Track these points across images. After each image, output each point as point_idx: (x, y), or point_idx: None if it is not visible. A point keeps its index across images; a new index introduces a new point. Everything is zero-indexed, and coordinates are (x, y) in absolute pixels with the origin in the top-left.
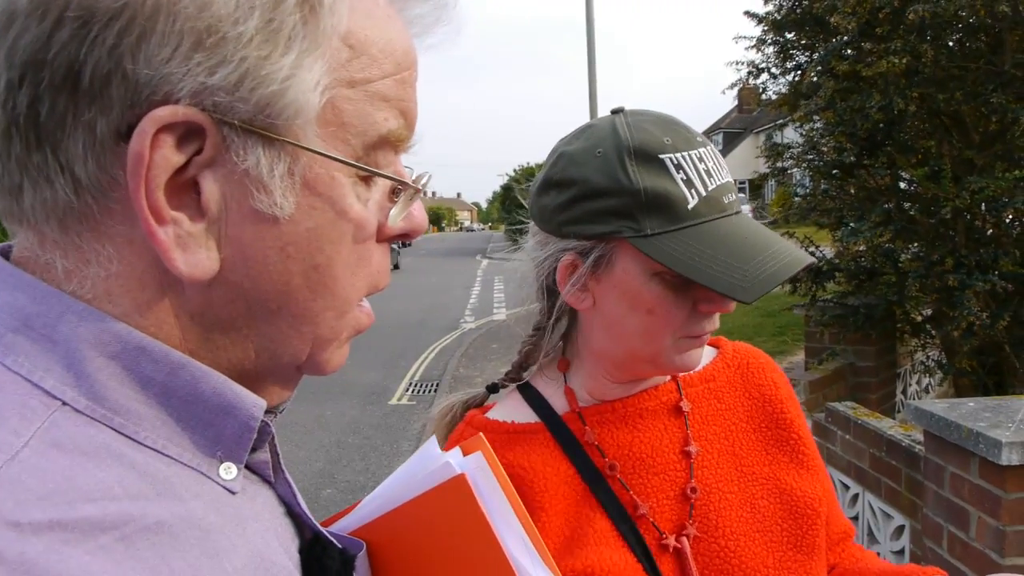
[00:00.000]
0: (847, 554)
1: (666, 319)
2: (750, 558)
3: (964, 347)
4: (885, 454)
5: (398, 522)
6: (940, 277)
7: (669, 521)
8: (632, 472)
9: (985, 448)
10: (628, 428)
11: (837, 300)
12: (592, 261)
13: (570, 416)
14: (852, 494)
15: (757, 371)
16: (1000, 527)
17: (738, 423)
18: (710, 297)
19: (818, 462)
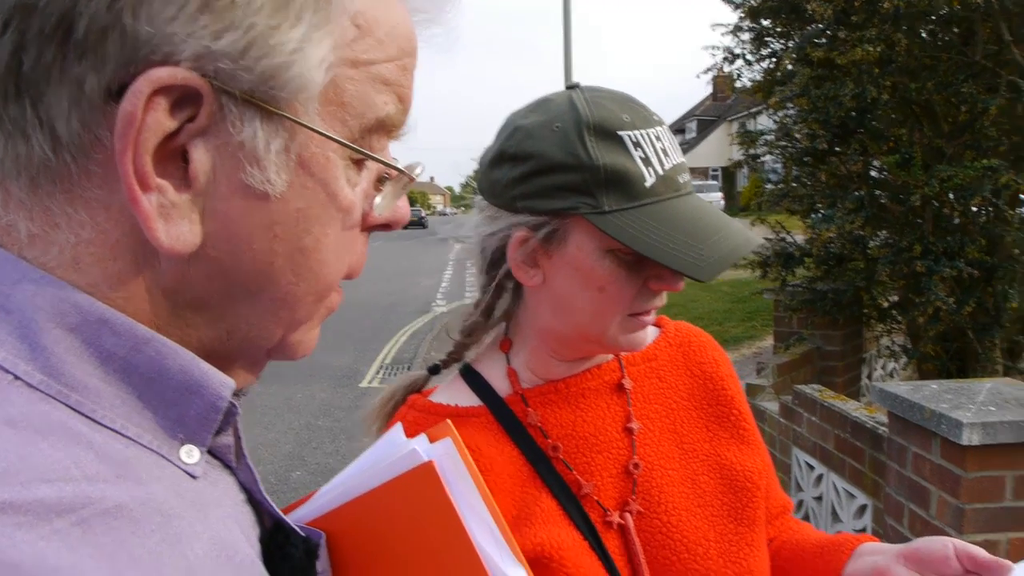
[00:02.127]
0: (785, 527)
1: (616, 297)
2: (692, 532)
3: (929, 332)
4: (850, 435)
5: (360, 512)
6: (908, 263)
7: (613, 498)
8: (576, 451)
9: (947, 429)
10: (571, 408)
11: (806, 285)
12: (544, 236)
13: (513, 398)
14: (817, 475)
15: (698, 349)
16: (960, 505)
17: (679, 400)
18: (661, 275)
19: (757, 438)
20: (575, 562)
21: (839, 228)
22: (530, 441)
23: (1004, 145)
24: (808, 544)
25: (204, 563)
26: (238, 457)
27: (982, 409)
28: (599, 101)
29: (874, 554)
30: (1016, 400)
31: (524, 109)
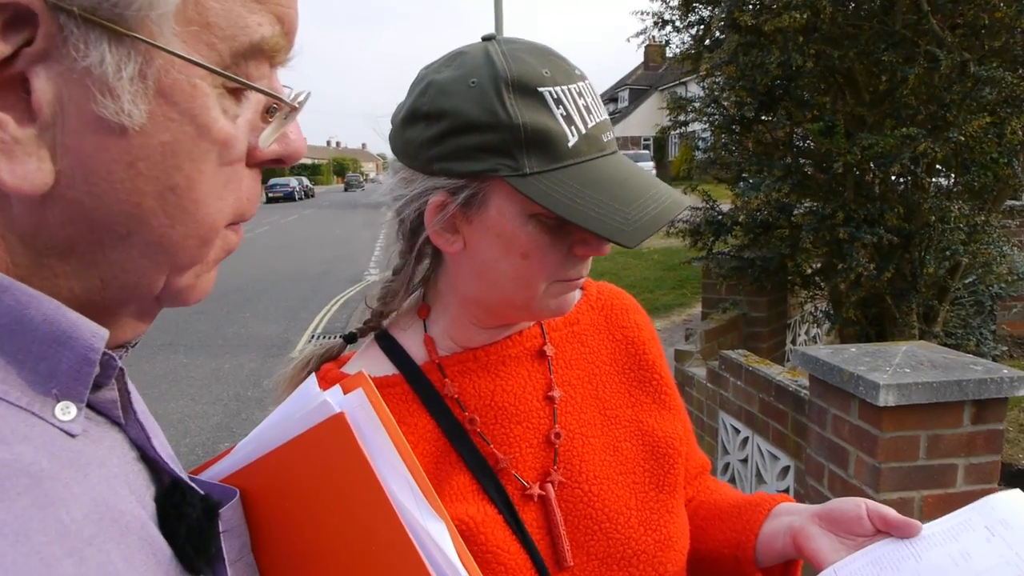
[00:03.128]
0: (703, 487)
1: (541, 263)
2: (613, 500)
3: (850, 298)
4: (774, 399)
5: (274, 466)
6: (831, 230)
7: (533, 469)
8: (494, 423)
9: (864, 390)
10: (490, 377)
11: (734, 253)
12: (463, 200)
13: (429, 367)
14: (742, 438)
15: (621, 313)
16: (876, 464)
17: (601, 366)
18: (587, 240)
19: (678, 402)
20: (489, 537)
21: (765, 196)
22: (447, 413)
23: (922, 114)
24: (725, 504)
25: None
26: (127, 412)
27: (898, 371)
28: (517, 55)
29: (790, 514)
30: (931, 362)
31: (437, 63)
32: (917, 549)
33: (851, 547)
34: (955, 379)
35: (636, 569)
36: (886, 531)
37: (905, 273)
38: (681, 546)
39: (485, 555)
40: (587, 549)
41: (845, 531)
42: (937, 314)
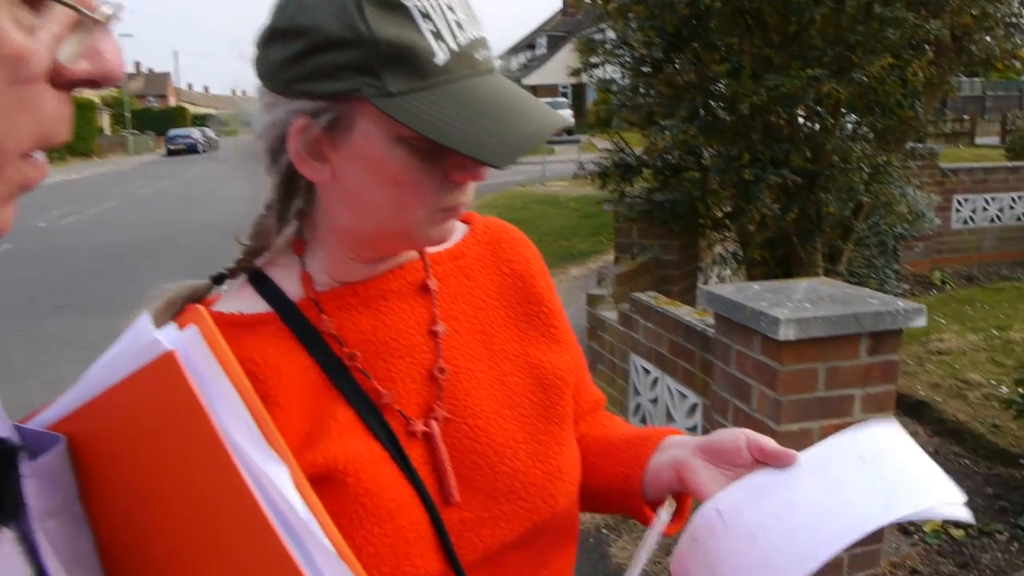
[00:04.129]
0: (596, 423)
1: (415, 191)
2: (500, 434)
3: (757, 239)
4: (682, 339)
5: (103, 411)
6: (737, 172)
7: (417, 405)
8: (375, 358)
9: (766, 326)
10: (371, 312)
11: (645, 196)
12: (326, 124)
13: (305, 303)
14: (652, 378)
15: (508, 247)
16: (777, 398)
17: (488, 300)
18: (463, 164)
19: (567, 336)
20: (373, 474)
21: (674, 138)
22: (325, 349)
23: (828, 56)
24: (616, 439)
25: None
26: None
27: (798, 306)
28: None
29: (675, 447)
30: (830, 297)
31: None
32: (792, 478)
33: (731, 478)
34: (852, 312)
35: (525, 502)
36: (764, 461)
37: (810, 214)
38: (571, 478)
39: (370, 492)
40: (473, 484)
41: (726, 462)
42: (841, 254)
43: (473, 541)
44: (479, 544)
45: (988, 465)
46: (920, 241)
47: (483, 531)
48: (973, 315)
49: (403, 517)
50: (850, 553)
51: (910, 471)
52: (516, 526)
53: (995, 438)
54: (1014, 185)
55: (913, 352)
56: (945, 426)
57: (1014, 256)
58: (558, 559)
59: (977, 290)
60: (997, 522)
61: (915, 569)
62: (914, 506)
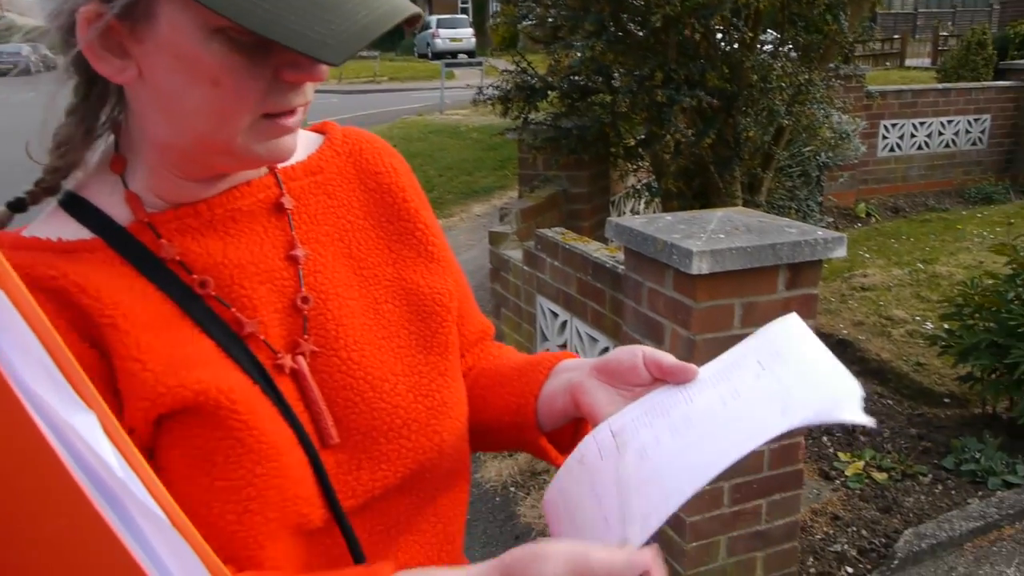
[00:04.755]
0: (485, 353)
1: (238, 93)
2: (376, 367)
3: (672, 168)
4: (591, 277)
5: None
6: (650, 93)
7: (281, 338)
8: (231, 285)
9: (678, 259)
10: (218, 235)
11: (550, 123)
12: (121, 10)
13: (138, 227)
14: (561, 321)
15: (373, 158)
16: (691, 336)
17: (354, 220)
18: (295, 61)
19: (447, 256)
20: (249, 408)
21: (581, 54)
22: (170, 277)
23: None
24: (507, 368)
25: None
26: None
27: (713, 237)
28: None
29: (570, 370)
30: (745, 227)
31: None
32: (691, 393)
33: (629, 399)
34: (769, 243)
35: (407, 440)
36: (663, 378)
37: (728, 139)
38: (457, 412)
39: (249, 426)
40: (349, 423)
41: (623, 382)
42: (762, 183)
43: (352, 485)
44: (359, 488)
45: (912, 405)
46: (845, 171)
47: (362, 474)
48: (898, 248)
49: (287, 456)
50: (769, 500)
51: (808, 374)
52: (399, 467)
53: (919, 377)
54: (943, 109)
55: (836, 288)
56: (868, 365)
57: (942, 185)
58: (447, 501)
59: (903, 222)
60: (920, 464)
61: (837, 515)
62: (811, 410)
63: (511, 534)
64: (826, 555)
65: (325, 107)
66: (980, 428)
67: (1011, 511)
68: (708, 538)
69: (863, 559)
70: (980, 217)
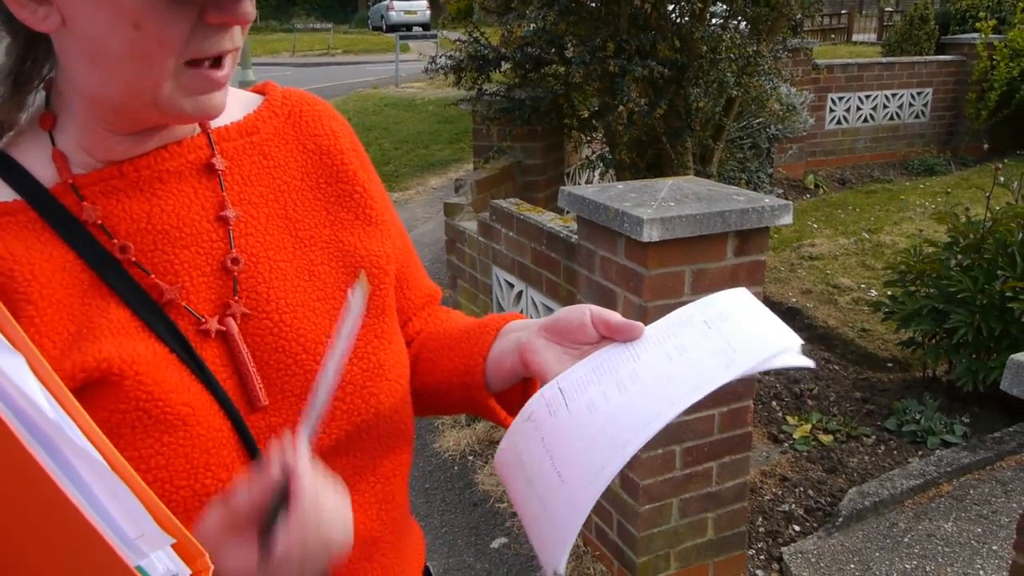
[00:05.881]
0: (433, 317)
1: (160, 35)
2: (309, 329)
3: (624, 138)
4: (545, 247)
5: None
6: (602, 63)
7: (209, 302)
8: (153, 250)
9: (629, 227)
10: (144, 197)
11: (503, 93)
12: None
13: (61, 189)
14: (516, 292)
15: (312, 120)
16: (643, 304)
17: (291, 181)
18: (219, 2)
19: (388, 218)
20: (157, 377)
21: (533, 24)
22: (90, 242)
23: None
24: (455, 331)
25: None
26: None
27: (663, 205)
28: None
29: (518, 331)
30: (695, 195)
31: None
32: (637, 350)
33: (577, 357)
34: (718, 210)
35: (342, 403)
36: (610, 336)
37: (679, 110)
38: (396, 375)
39: (154, 396)
40: (282, 386)
41: (571, 340)
42: (713, 154)
43: None
44: None
45: (857, 370)
46: (794, 143)
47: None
48: (845, 219)
49: (199, 425)
50: (719, 463)
51: (752, 328)
52: (334, 429)
53: (863, 342)
54: (887, 82)
55: (785, 258)
56: (815, 332)
57: (886, 157)
58: (386, 464)
59: (849, 193)
60: (864, 426)
61: (785, 476)
62: (754, 359)
63: (469, 501)
64: (775, 515)
65: (279, 79)
66: (921, 391)
67: (948, 469)
68: (661, 500)
69: (810, 518)
70: (922, 188)
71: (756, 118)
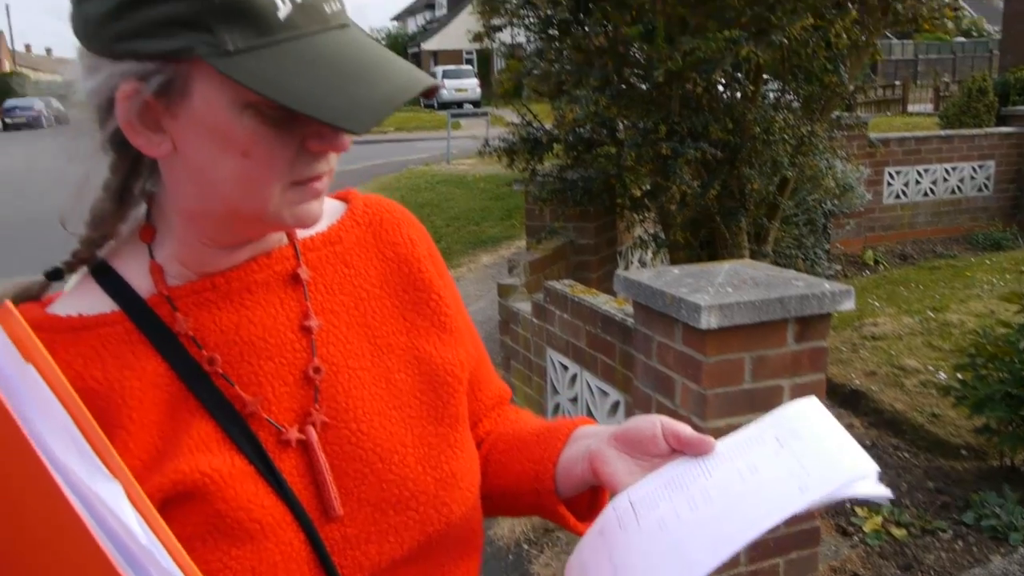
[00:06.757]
0: (502, 418)
1: (268, 163)
2: (386, 438)
3: (678, 219)
4: (600, 330)
5: None
6: (654, 146)
7: (290, 411)
8: (239, 361)
9: (687, 313)
10: (233, 308)
11: (556, 175)
12: (158, 88)
13: (157, 300)
14: (571, 375)
15: (392, 228)
16: (701, 391)
17: (370, 289)
18: (320, 132)
19: (460, 326)
20: (232, 491)
21: (585, 109)
22: (181, 353)
23: (746, 16)
24: (525, 434)
25: None
26: None
27: (720, 291)
28: None
29: (589, 437)
30: (753, 280)
31: None
32: (709, 466)
33: (647, 468)
34: (777, 296)
35: (415, 512)
36: (681, 450)
37: (733, 190)
38: (468, 484)
39: (235, 512)
40: (358, 495)
41: (641, 452)
42: (768, 233)
43: (359, 559)
44: (366, 562)
45: (928, 458)
46: (851, 218)
47: (370, 547)
48: (908, 296)
49: (270, 538)
50: (786, 559)
51: (825, 450)
52: (406, 539)
53: (934, 428)
54: (947, 155)
55: (847, 338)
56: (882, 417)
57: (948, 232)
58: (457, 571)
59: (911, 269)
60: (940, 519)
61: (856, 573)
62: (829, 485)
63: None
64: None
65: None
66: (999, 481)
67: None
68: None
69: None
70: (989, 264)
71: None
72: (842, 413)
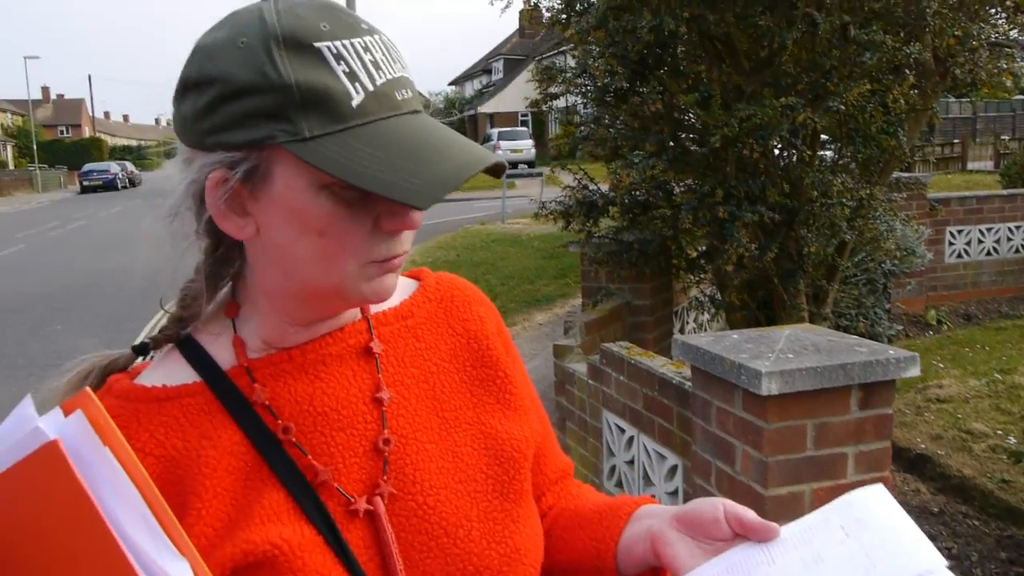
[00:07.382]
0: (565, 493)
1: (342, 242)
2: (452, 512)
3: (735, 281)
4: (657, 393)
5: None
6: (711, 209)
7: (359, 482)
8: (312, 431)
9: (747, 379)
10: (308, 379)
11: (612, 236)
12: (244, 175)
13: (237, 371)
14: (628, 437)
15: (462, 305)
16: (763, 458)
17: (440, 364)
18: (392, 211)
19: (527, 401)
20: (305, 562)
21: (641, 173)
22: (257, 423)
23: (802, 83)
24: (587, 511)
25: None
26: None
27: (781, 357)
28: (293, 10)
29: (650, 517)
30: (814, 346)
31: (211, 28)
32: (773, 553)
33: (709, 552)
34: (840, 363)
35: None
36: (744, 534)
37: (791, 252)
38: (531, 559)
39: None
40: (423, 568)
41: (703, 535)
42: (827, 294)
43: None
44: None
45: (999, 526)
46: (912, 277)
47: None
48: (973, 357)
49: None
50: None
51: (892, 543)
52: None
53: (1005, 495)
54: (1010, 214)
55: (911, 400)
56: (950, 482)
57: (1014, 291)
58: None
59: (976, 330)
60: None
61: None
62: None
63: None
64: None
65: None
66: None
67: None
68: None
69: None
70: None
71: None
72: (908, 478)
